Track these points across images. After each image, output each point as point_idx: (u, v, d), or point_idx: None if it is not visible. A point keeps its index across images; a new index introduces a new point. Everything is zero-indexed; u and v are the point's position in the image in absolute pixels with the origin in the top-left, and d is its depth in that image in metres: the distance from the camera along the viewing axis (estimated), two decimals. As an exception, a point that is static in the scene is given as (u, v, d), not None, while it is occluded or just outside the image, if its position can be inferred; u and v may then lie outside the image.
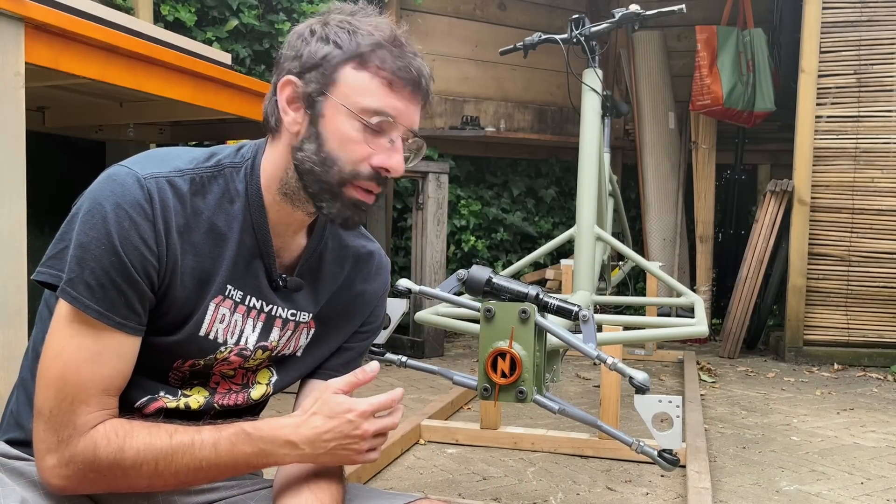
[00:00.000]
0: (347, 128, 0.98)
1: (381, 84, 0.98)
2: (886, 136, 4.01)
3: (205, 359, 1.04)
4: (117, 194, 0.93)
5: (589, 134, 2.65)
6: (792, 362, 4.06)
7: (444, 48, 4.87)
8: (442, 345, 4.07)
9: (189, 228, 0.98)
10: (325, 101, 0.98)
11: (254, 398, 1.12)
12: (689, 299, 2.66)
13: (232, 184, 1.02)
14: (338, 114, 0.98)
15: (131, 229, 0.92)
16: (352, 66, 0.98)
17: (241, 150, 1.06)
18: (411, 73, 0.98)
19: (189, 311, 1.00)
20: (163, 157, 1.00)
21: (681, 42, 5.21)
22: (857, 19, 4.02)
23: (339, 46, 0.98)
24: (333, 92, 0.98)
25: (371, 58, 0.98)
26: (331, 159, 0.98)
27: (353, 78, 0.98)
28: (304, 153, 0.99)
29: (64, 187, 2.75)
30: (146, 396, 1.02)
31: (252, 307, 1.05)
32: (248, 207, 1.02)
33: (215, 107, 2.19)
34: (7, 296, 1.43)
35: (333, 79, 0.98)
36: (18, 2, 1.46)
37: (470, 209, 4.83)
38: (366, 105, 0.97)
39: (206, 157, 1.03)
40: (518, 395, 1.24)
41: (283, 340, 1.10)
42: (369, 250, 1.18)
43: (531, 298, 1.26)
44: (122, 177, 0.94)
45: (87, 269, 0.91)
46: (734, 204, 5.10)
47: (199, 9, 3.57)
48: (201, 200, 0.99)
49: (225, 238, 1.01)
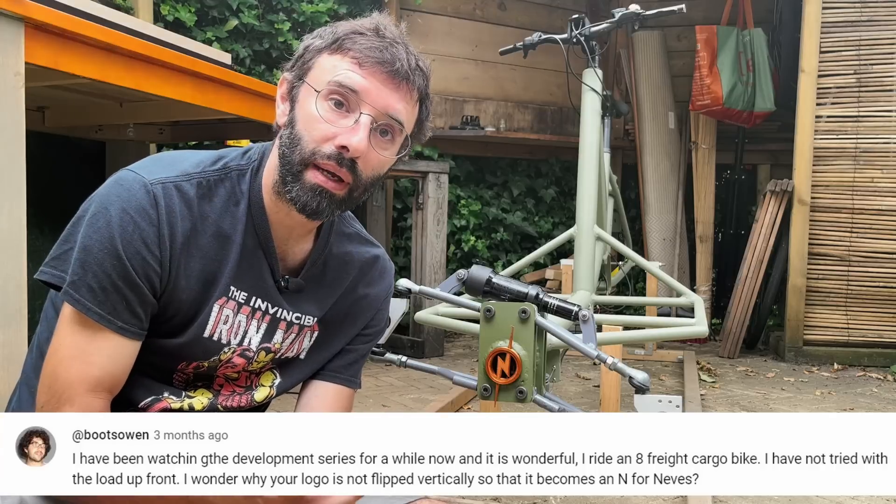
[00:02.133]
0: (313, 107, 0.98)
1: (351, 63, 0.98)
2: (886, 136, 4.01)
3: (209, 360, 1.05)
4: (123, 199, 0.94)
5: (589, 134, 2.65)
6: (792, 362, 4.06)
7: (444, 48, 4.87)
8: (442, 345, 4.07)
9: (196, 232, 0.98)
10: (301, 87, 1.00)
11: (257, 400, 1.12)
12: (688, 299, 2.66)
13: (238, 186, 1.02)
14: (308, 96, 0.99)
15: (135, 234, 0.93)
16: (327, 52, 1.00)
17: (248, 153, 1.06)
18: (384, 54, 0.98)
19: (193, 313, 1.00)
20: (171, 162, 1.01)
21: (681, 42, 5.21)
22: (857, 19, 4.01)
23: (321, 37, 1.01)
24: (308, 77, 1.00)
25: (345, 42, 0.99)
26: (297, 139, 0.98)
27: (327, 62, 0.99)
28: (282, 139, 1.01)
29: (64, 187, 2.75)
30: (150, 397, 1.03)
31: (257, 308, 1.06)
32: (251, 209, 1.02)
33: (215, 107, 2.19)
34: (7, 296, 1.43)
35: (310, 66, 1.00)
36: (18, 2, 1.46)
37: (470, 209, 4.83)
38: (330, 79, 0.97)
39: (213, 161, 1.03)
40: (518, 395, 1.24)
41: (287, 343, 1.10)
42: (374, 255, 1.18)
43: (531, 298, 1.26)
44: (128, 182, 0.95)
45: (90, 272, 0.92)
46: (734, 204, 5.10)
47: (199, 9, 3.57)
48: (208, 204, 1.00)
49: (230, 240, 1.01)
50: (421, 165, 3.87)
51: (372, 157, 0.99)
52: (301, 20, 3.92)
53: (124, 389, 1.01)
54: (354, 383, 1.20)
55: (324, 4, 3.95)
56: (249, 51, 3.73)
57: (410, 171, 3.85)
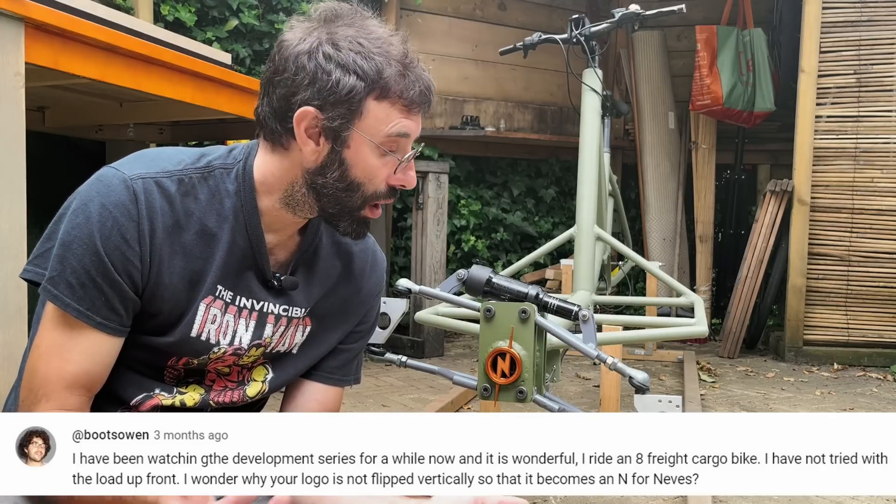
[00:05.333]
0: (371, 156, 1.01)
1: (401, 111, 1.00)
2: (886, 136, 4.01)
3: (198, 358, 1.05)
4: (103, 195, 0.95)
5: (589, 134, 2.65)
6: (792, 362, 4.06)
7: (444, 48, 4.87)
8: (442, 345, 4.07)
9: (179, 229, 0.99)
10: (351, 134, 0.99)
11: (249, 395, 1.12)
12: (688, 299, 2.66)
13: (223, 185, 1.02)
14: (362, 144, 1.00)
15: (114, 230, 0.94)
16: (374, 96, 0.98)
17: (232, 152, 1.06)
18: (426, 97, 1.02)
19: (180, 313, 1.01)
20: (152, 159, 1.01)
21: (681, 42, 5.21)
22: (857, 19, 4.01)
23: (361, 78, 0.97)
24: (358, 125, 0.99)
25: (391, 86, 0.99)
26: (355, 185, 1.01)
27: (376, 109, 0.99)
28: (327, 179, 1.01)
29: (64, 187, 2.74)
30: (142, 394, 1.03)
31: (243, 307, 1.06)
32: (241, 209, 1.02)
33: (215, 107, 2.19)
34: (7, 296, 1.43)
35: (359, 112, 0.98)
36: (18, 2, 1.46)
37: (470, 209, 4.82)
38: (388, 132, 1.00)
39: (195, 159, 1.03)
40: (518, 395, 1.24)
41: (277, 336, 1.10)
42: (365, 245, 1.18)
43: (531, 298, 1.26)
44: (108, 178, 0.96)
45: (69, 267, 0.93)
46: (734, 204, 5.09)
47: (199, 9, 3.56)
48: (192, 201, 1.00)
49: (215, 239, 1.01)
50: (421, 165, 3.86)
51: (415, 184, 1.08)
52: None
53: (115, 386, 1.01)
54: (347, 381, 1.21)
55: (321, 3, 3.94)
56: (249, 51, 3.73)
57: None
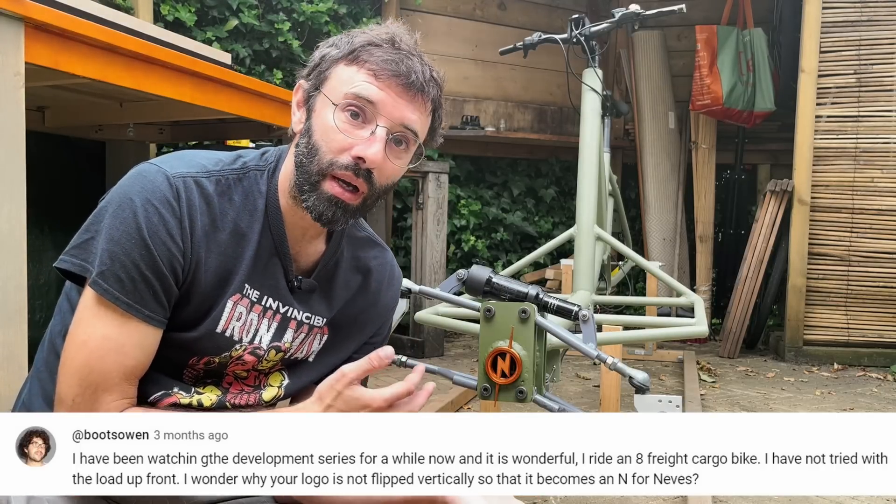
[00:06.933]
0: (330, 118, 1.01)
1: (367, 75, 1.00)
2: (886, 136, 4.01)
3: (220, 356, 1.06)
4: (147, 190, 0.97)
5: (589, 134, 2.65)
6: (792, 362, 4.06)
7: (444, 48, 4.87)
8: (442, 345, 4.07)
9: (215, 228, 1.01)
10: (317, 97, 1.03)
11: (265, 400, 1.14)
12: (688, 299, 2.66)
13: (256, 186, 1.05)
14: (325, 107, 1.02)
15: (160, 224, 0.96)
16: (344, 62, 1.02)
17: (265, 155, 1.09)
18: (399, 67, 1.01)
19: (208, 308, 1.02)
20: (190, 159, 1.04)
21: (681, 42, 5.21)
22: (857, 19, 4.01)
23: (337, 47, 1.03)
24: (324, 87, 1.02)
25: (361, 53, 1.01)
26: (314, 149, 1.01)
27: (343, 73, 1.02)
28: (298, 148, 1.03)
29: (64, 187, 2.75)
30: (160, 391, 1.04)
31: (268, 307, 1.08)
32: (267, 209, 1.05)
33: (215, 107, 2.19)
34: (7, 296, 1.43)
35: (327, 76, 1.03)
36: (18, 2, 1.46)
37: (470, 209, 4.82)
38: (347, 91, 1.00)
39: (232, 160, 1.06)
40: (518, 395, 1.24)
41: (297, 343, 1.12)
42: (384, 261, 1.21)
43: (531, 298, 1.26)
44: (151, 174, 0.98)
45: (118, 262, 0.95)
46: (734, 204, 5.09)
47: (199, 9, 3.57)
48: (227, 202, 1.03)
49: (246, 238, 1.04)
50: (421, 165, 3.87)
51: (387, 167, 1.03)
52: (301, 20, 3.92)
53: None
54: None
55: (324, 4, 3.94)
56: (249, 51, 3.73)
57: (410, 170, 3.84)
